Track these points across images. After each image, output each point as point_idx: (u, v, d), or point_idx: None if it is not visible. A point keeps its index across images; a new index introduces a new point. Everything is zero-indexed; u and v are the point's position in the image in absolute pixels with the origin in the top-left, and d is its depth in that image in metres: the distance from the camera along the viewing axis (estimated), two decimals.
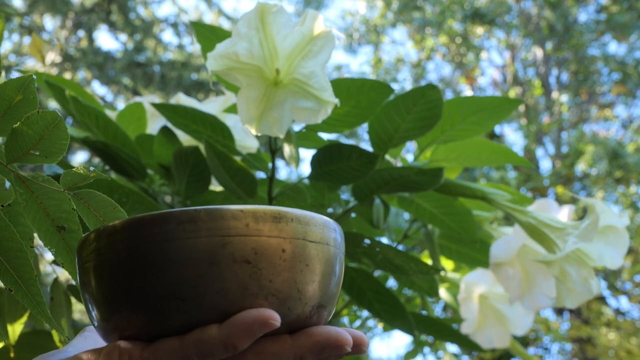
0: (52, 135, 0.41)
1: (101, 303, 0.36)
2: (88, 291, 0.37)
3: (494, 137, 7.78)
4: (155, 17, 8.63)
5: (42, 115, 0.41)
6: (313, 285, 0.36)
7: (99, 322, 0.37)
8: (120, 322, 0.35)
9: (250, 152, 0.91)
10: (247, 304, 0.34)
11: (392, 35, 10.57)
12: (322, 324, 0.37)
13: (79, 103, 0.84)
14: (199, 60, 8.16)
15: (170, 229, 0.34)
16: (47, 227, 0.44)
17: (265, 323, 0.33)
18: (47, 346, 0.74)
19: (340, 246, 0.39)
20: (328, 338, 0.35)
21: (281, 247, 0.35)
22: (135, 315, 0.34)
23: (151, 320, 0.34)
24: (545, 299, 0.87)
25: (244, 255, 0.34)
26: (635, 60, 8.37)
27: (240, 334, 0.33)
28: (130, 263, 0.34)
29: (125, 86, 8.13)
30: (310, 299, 0.36)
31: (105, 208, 0.43)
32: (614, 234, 0.85)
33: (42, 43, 0.97)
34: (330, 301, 0.38)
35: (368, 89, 0.80)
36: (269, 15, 0.70)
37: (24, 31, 7.85)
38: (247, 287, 0.34)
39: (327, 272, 0.37)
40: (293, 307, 0.35)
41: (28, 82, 0.42)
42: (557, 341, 6.44)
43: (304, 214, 0.36)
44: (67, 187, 0.43)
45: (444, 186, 0.89)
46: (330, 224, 0.38)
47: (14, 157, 0.42)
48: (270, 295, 0.34)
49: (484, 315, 1.05)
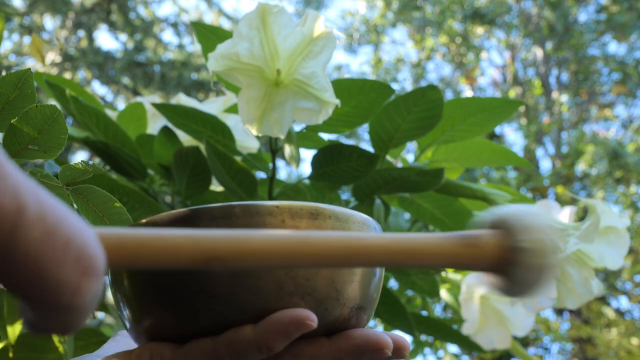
0: (50, 130, 0.41)
1: (133, 303, 0.35)
2: (120, 291, 0.36)
3: (494, 137, 7.78)
4: (155, 16, 8.63)
5: (40, 110, 0.40)
6: (352, 286, 0.34)
7: (131, 323, 0.36)
8: (152, 322, 0.34)
9: (250, 152, 0.91)
10: (283, 303, 0.32)
11: (392, 35, 10.58)
12: (361, 326, 0.36)
13: (79, 103, 0.84)
14: (199, 60, 8.16)
15: (204, 225, 0.33)
16: None
17: (301, 323, 0.31)
18: (46, 346, 0.74)
19: None
20: (367, 341, 0.33)
21: None
22: (167, 315, 0.34)
23: (183, 320, 0.33)
24: (546, 300, 0.87)
25: None
26: (635, 60, 8.38)
27: (276, 334, 0.32)
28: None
29: (125, 86, 8.13)
30: (349, 299, 0.34)
31: (104, 203, 0.43)
32: (614, 235, 0.85)
33: (42, 43, 0.97)
34: (370, 304, 0.36)
35: (369, 89, 0.80)
36: (270, 16, 0.70)
37: (24, 31, 7.85)
38: (283, 286, 0.32)
39: (367, 272, 0.36)
40: (331, 307, 0.34)
41: (26, 77, 0.41)
42: (557, 341, 6.44)
43: (342, 210, 0.35)
44: (66, 183, 0.42)
45: (445, 187, 0.89)
46: (370, 222, 0.37)
47: (12, 152, 0.41)
48: (306, 295, 0.33)
49: (485, 316, 1.05)
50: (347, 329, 0.34)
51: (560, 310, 6.46)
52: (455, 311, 1.11)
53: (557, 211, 0.90)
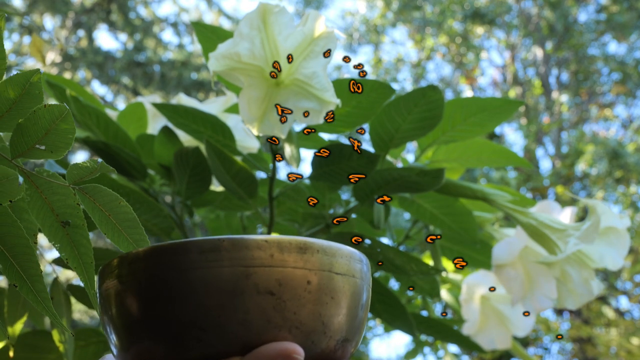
0: (58, 130, 0.41)
1: (121, 331, 0.35)
2: (108, 318, 0.36)
3: (494, 137, 7.78)
4: (155, 16, 8.63)
5: (48, 109, 0.40)
6: (338, 319, 0.35)
7: (118, 350, 0.36)
8: (140, 351, 0.34)
9: (251, 152, 0.91)
10: (271, 336, 0.33)
11: (392, 35, 10.58)
12: (346, 358, 0.36)
13: (79, 103, 0.84)
14: (199, 60, 8.16)
15: (192, 257, 0.33)
16: (52, 222, 0.43)
17: (288, 357, 0.32)
18: (46, 346, 0.74)
19: (367, 278, 0.38)
20: None
21: (306, 279, 0.34)
22: (155, 345, 0.34)
23: (171, 351, 0.33)
24: (547, 300, 0.87)
25: (268, 286, 0.33)
26: (635, 60, 8.37)
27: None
28: (151, 291, 0.34)
29: (125, 86, 8.13)
30: (336, 332, 0.35)
31: (110, 203, 0.43)
32: (614, 235, 0.85)
33: (42, 43, 0.97)
34: (356, 335, 0.37)
35: (369, 89, 0.80)
36: (271, 16, 0.70)
37: (24, 31, 7.85)
38: (271, 319, 0.33)
39: (353, 305, 0.36)
40: (317, 340, 0.34)
41: (33, 77, 0.41)
42: (557, 341, 6.44)
43: (330, 245, 0.36)
44: (73, 182, 0.42)
45: (445, 187, 0.88)
46: (356, 255, 0.37)
47: (19, 152, 0.41)
48: (294, 328, 0.33)
49: (485, 316, 1.05)
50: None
51: (560, 310, 6.46)
52: (455, 311, 1.11)
53: (557, 211, 0.90)
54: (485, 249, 0.98)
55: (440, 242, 1.02)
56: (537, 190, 7.03)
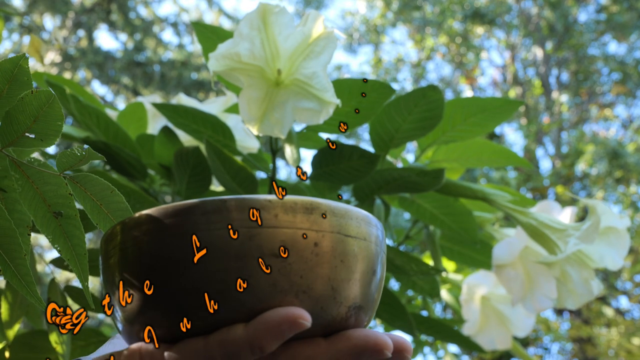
0: (46, 116, 0.39)
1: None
2: (111, 290, 0.34)
3: (494, 137, 7.78)
4: (155, 16, 8.63)
5: (36, 96, 0.39)
6: (350, 284, 0.33)
7: (124, 325, 0.34)
8: (145, 323, 0.33)
9: (251, 152, 0.91)
10: (276, 301, 0.31)
11: (392, 35, 10.58)
12: (361, 327, 0.34)
13: (79, 103, 0.84)
14: (199, 60, 8.16)
15: (194, 219, 0.32)
16: (44, 213, 0.42)
17: (294, 323, 0.30)
18: (43, 346, 0.73)
19: (382, 244, 0.36)
20: (366, 342, 0.32)
21: (313, 241, 0.32)
22: (157, 314, 0.32)
23: (174, 319, 0.32)
24: (547, 301, 0.87)
25: (272, 248, 0.31)
26: (635, 60, 8.38)
27: (267, 334, 0.30)
28: (152, 257, 0.32)
29: (125, 86, 8.13)
30: (347, 298, 0.33)
31: (102, 192, 0.41)
32: (614, 236, 0.85)
33: (41, 43, 0.97)
34: (371, 304, 0.35)
35: (369, 89, 0.80)
36: (271, 16, 0.70)
37: (23, 31, 7.85)
38: (276, 283, 0.31)
39: (366, 270, 0.34)
40: (327, 306, 0.32)
41: (21, 63, 0.40)
42: (557, 341, 6.44)
43: (340, 205, 0.34)
44: (63, 170, 0.41)
45: (445, 187, 0.88)
46: (370, 219, 0.35)
47: (8, 140, 0.40)
48: (301, 293, 0.31)
49: (485, 316, 1.05)
50: (346, 330, 0.33)
51: (560, 310, 6.46)
52: (455, 311, 1.11)
53: (557, 211, 0.90)
54: (485, 249, 0.98)
55: (440, 242, 1.02)
56: (537, 190, 7.03)
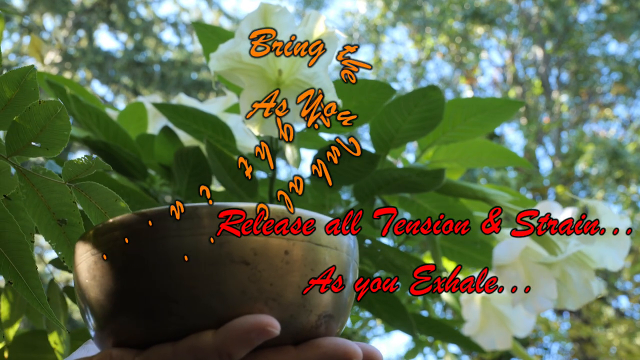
0: (53, 126, 0.40)
1: (95, 306, 0.33)
2: (82, 295, 0.34)
3: (494, 137, 7.78)
4: (155, 16, 8.63)
5: (43, 106, 0.39)
6: (320, 293, 0.33)
7: (95, 331, 0.34)
8: (115, 329, 0.33)
9: (251, 152, 0.91)
10: (246, 308, 0.31)
11: (392, 35, 10.58)
12: (332, 336, 0.34)
13: (79, 102, 0.84)
14: (199, 60, 8.16)
15: (166, 226, 0.32)
16: (48, 220, 0.42)
17: (262, 330, 0.30)
18: (43, 346, 0.73)
19: (353, 253, 0.36)
20: (335, 350, 0.32)
21: (284, 249, 0.32)
22: (128, 320, 0.32)
23: (144, 325, 0.32)
24: (547, 301, 0.87)
25: (242, 255, 0.31)
26: (635, 60, 8.38)
27: (236, 341, 0.30)
28: (123, 262, 0.32)
29: (125, 86, 8.13)
30: (317, 307, 0.33)
31: (107, 200, 0.42)
32: (615, 236, 0.85)
33: (41, 43, 0.97)
34: (342, 312, 0.35)
35: (370, 89, 0.80)
36: (272, 16, 0.70)
37: (24, 31, 7.85)
38: (246, 290, 0.31)
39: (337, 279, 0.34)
40: (297, 314, 0.32)
41: (28, 74, 0.40)
42: (557, 341, 6.44)
43: (311, 214, 0.34)
44: (69, 179, 0.41)
45: (445, 187, 0.88)
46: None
47: (14, 149, 0.41)
48: (270, 300, 0.32)
49: (486, 316, 1.05)
50: (317, 338, 0.33)
51: (560, 310, 6.46)
52: (455, 311, 1.11)
53: (558, 212, 0.90)
54: (485, 249, 0.98)
55: (441, 242, 1.02)
56: (537, 190, 7.03)
